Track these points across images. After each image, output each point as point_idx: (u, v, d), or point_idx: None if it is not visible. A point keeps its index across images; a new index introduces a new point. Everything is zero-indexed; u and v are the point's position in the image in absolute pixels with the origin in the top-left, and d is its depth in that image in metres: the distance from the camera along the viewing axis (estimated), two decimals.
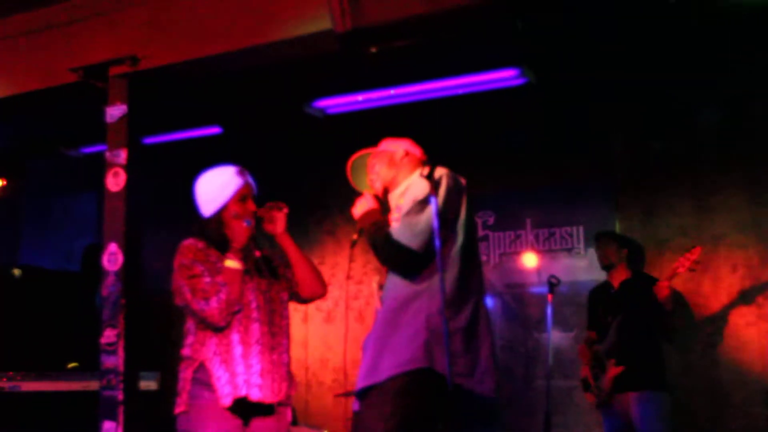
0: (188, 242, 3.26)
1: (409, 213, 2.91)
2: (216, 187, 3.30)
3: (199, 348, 3.17)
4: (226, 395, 3.08)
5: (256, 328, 3.19)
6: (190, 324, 3.26)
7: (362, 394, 2.94)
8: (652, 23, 4.63)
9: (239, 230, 3.21)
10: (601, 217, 6.15)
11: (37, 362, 6.03)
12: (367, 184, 3.37)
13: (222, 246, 3.24)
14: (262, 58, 4.36)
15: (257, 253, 3.34)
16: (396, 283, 2.99)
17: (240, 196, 3.28)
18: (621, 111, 6.06)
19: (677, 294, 5.45)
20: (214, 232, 3.27)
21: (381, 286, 3.14)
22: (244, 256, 3.23)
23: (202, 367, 3.13)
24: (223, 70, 4.66)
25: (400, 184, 3.20)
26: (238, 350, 3.14)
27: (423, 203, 2.90)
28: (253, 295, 3.24)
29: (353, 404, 3.05)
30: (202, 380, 3.12)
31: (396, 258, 2.94)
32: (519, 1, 3.36)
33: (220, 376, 3.10)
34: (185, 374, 3.17)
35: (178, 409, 3.17)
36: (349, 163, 3.50)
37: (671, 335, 5.30)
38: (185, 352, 3.24)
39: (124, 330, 4.28)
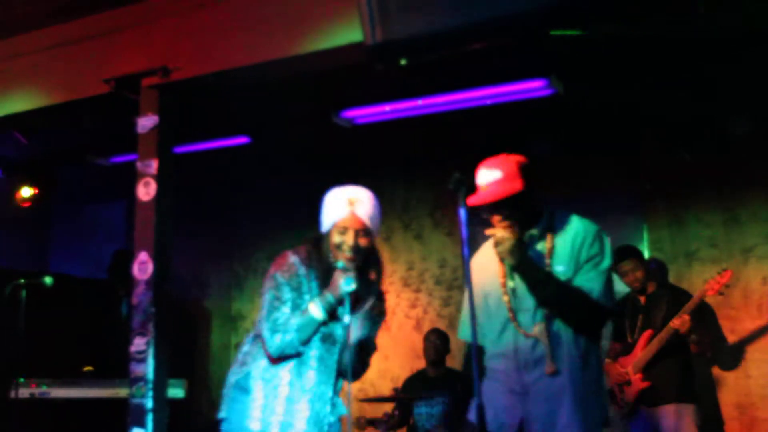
0: (293, 259, 3.07)
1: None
2: (326, 208, 3.13)
3: (250, 361, 3.11)
4: (256, 419, 3.02)
5: (312, 376, 3.07)
6: (253, 333, 3.18)
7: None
8: (682, 33, 4.61)
9: (334, 276, 2.99)
10: (630, 228, 6.12)
11: (67, 369, 6.10)
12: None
13: (325, 276, 3.04)
14: (292, 70, 4.39)
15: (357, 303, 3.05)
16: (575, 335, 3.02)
17: (340, 229, 3.04)
18: (650, 121, 6.04)
19: (706, 307, 5.40)
20: (323, 250, 3.08)
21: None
22: (336, 304, 2.99)
23: (247, 377, 3.08)
24: (252, 81, 4.70)
25: (532, 220, 3.14)
26: (284, 391, 3.04)
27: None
28: (319, 342, 3.07)
29: None
30: (244, 387, 3.08)
31: (595, 319, 3.03)
32: (549, 13, 3.35)
33: (257, 397, 3.04)
34: (229, 380, 3.14)
35: (219, 415, 3.14)
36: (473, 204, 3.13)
37: (705, 349, 5.26)
38: (239, 357, 3.18)
39: (153, 338, 4.31)
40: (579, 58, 5.02)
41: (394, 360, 6.90)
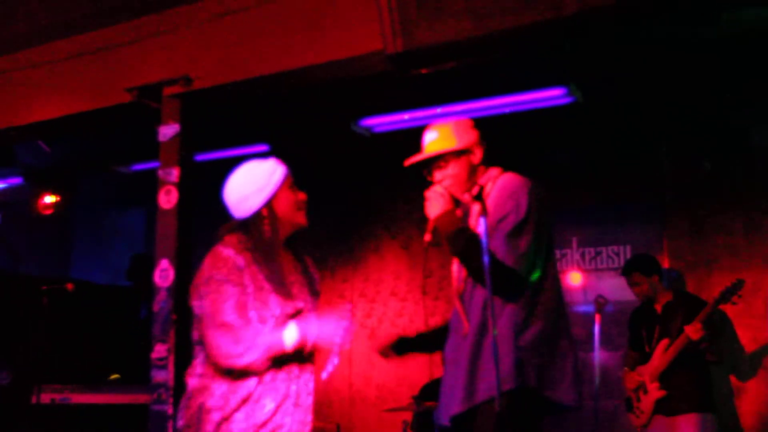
0: (227, 253, 2.78)
1: (511, 234, 2.80)
2: (256, 182, 2.87)
3: None
4: None
5: None
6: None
7: (460, 418, 2.94)
8: (703, 43, 4.60)
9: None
10: (649, 236, 6.10)
11: (88, 375, 6.15)
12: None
13: (268, 254, 2.78)
14: (312, 78, 4.42)
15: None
16: (482, 295, 2.87)
17: (289, 185, 2.88)
18: (670, 130, 6.02)
19: (721, 316, 5.36)
20: (265, 228, 2.80)
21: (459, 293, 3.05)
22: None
23: None
24: (272, 90, 4.73)
25: (475, 183, 3.02)
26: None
27: (523, 224, 2.82)
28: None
29: (442, 420, 3.06)
30: None
31: (505, 283, 2.80)
32: (567, 22, 3.36)
33: None
34: None
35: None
36: (409, 162, 3.29)
37: (719, 358, 5.21)
38: None
39: (174, 345, 4.34)
40: (598, 66, 5.02)
41: (413, 367, 6.90)
